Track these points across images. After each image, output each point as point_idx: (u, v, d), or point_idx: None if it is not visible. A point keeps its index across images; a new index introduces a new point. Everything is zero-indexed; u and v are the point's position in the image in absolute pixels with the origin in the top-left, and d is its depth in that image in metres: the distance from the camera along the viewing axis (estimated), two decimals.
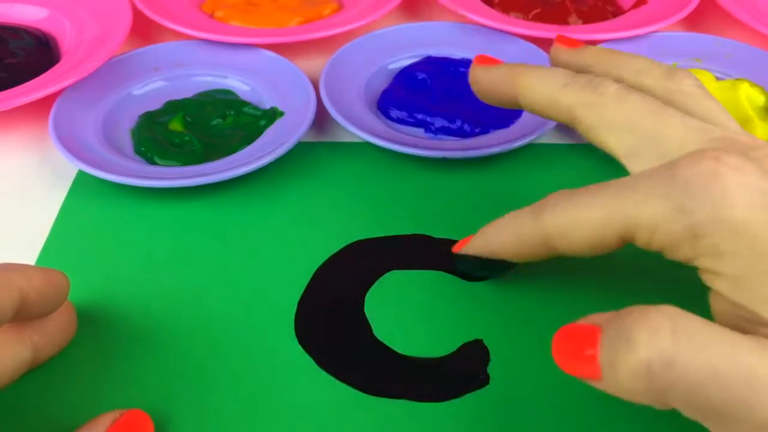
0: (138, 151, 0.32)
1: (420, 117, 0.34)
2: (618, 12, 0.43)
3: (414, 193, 0.31)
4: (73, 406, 0.23)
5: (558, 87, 0.23)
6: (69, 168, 0.32)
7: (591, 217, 0.20)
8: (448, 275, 0.27)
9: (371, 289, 0.26)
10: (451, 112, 0.33)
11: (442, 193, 0.31)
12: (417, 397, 0.23)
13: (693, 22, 0.44)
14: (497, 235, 0.23)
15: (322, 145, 0.33)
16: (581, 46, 0.25)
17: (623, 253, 0.27)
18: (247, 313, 0.26)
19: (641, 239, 0.19)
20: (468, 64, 0.37)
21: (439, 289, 0.26)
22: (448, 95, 0.35)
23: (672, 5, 0.40)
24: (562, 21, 0.41)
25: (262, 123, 0.33)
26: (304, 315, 0.25)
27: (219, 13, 0.41)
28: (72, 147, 0.30)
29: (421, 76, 0.36)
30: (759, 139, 0.21)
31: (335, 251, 0.28)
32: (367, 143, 0.33)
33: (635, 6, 0.42)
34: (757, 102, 0.35)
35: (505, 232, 0.23)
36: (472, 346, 0.24)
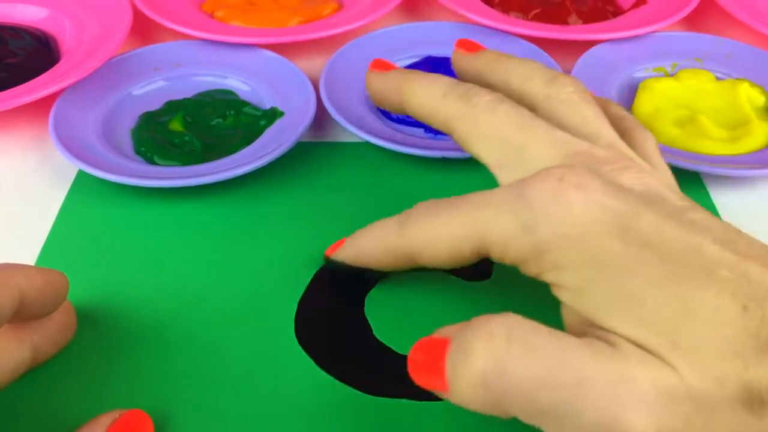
0: (138, 151, 0.32)
1: None
2: (618, 12, 0.43)
3: (414, 193, 0.31)
4: (73, 406, 0.23)
5: (438, 97, 0.23)
6: (69, 168, 0.32)
7: (448, 232, 0.20)
8: (448, 275, 0.27)
9: (371, 290, 0.26)
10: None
11: (442, 193, 0.31)
12: (417, 397, 0.23)
13: (693, 22, 0.44)
14: (364, 243, 0.23)
15: (321, 145, 0.33)
16: (480, 50, 0.26)
17: None
18: (247, 313, 0.26)
19: (495, 254, 0.20)
20: None
21: (439, 289, 0.26)
22: None
23: (672, 5, 0.40)
24: (562, 21, 0.41)
25: (262, 123, 0.33)
26: (304, 315, 0.25)
27: (219, 13, 0.41)
28: (72, 147, 0.30)
29: None
30: (623, 151, 0.21)
31: None
32: (367, 143, 0.33)
33: (635, 6, 0.42)
34: (757, 102, 0.35)
35: (372, 242, 0.23)
36: None
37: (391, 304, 0.26)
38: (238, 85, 0.36)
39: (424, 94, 0.24)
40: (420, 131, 0.34)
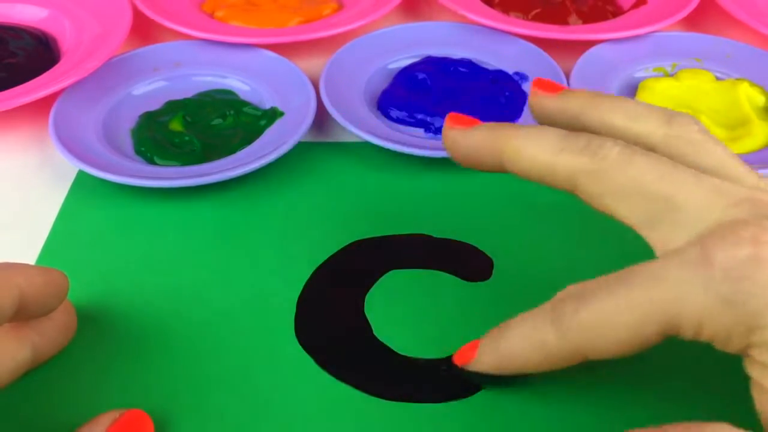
0: (138, 151, 0.32)
1: (420, 117, 0.34)
2: (618, 12, 0.43)
3: (414, 193, 0.31)
4: (73, 406, 0.23)
5: (553, 152, 0.20)
6: (69, 168, 0.32)
7: (624, 320, 0.18)
8: (448, 275, 0.27)
9: (371, 289, 0.26)
10: (451, 112, 0.33)
11: (442, 193, 0.31)
12: (417, 398, 0.23)
13: (693, 22, 0.44)
14: (512, 350, 0.20)
15: (322, 145, 0.33)
16: (561, 90, 0.23)
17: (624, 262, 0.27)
18: (247, 313, 0.26)
19: (687, 334, 0.18)
20: (468, 64, 0.37)
21: (439, 289, 0.26)
22: (448, 95, 0.35)
23: (672, 5, 0.40)
24: (562, 21, 0.41)
25: (262, 123, 0.33)
26: (304, 315, 0.25)
27: (219, 13, 0.41)
28: (72, 147, 0.30)
29: (421, 76, 0.36)
30: None
31: (335, 251, 0.28)
32: (367, 143, 0.33)
33: (635, 6, 0.42)
34: (757, 102, 0.35)
35: (523, 347, 0.20)
36: None
37: (391, 304, 0.26)
38: (238, 85, 0.36)
39: (535, 152, 0.21)
40: (420, 131, 0.34)
